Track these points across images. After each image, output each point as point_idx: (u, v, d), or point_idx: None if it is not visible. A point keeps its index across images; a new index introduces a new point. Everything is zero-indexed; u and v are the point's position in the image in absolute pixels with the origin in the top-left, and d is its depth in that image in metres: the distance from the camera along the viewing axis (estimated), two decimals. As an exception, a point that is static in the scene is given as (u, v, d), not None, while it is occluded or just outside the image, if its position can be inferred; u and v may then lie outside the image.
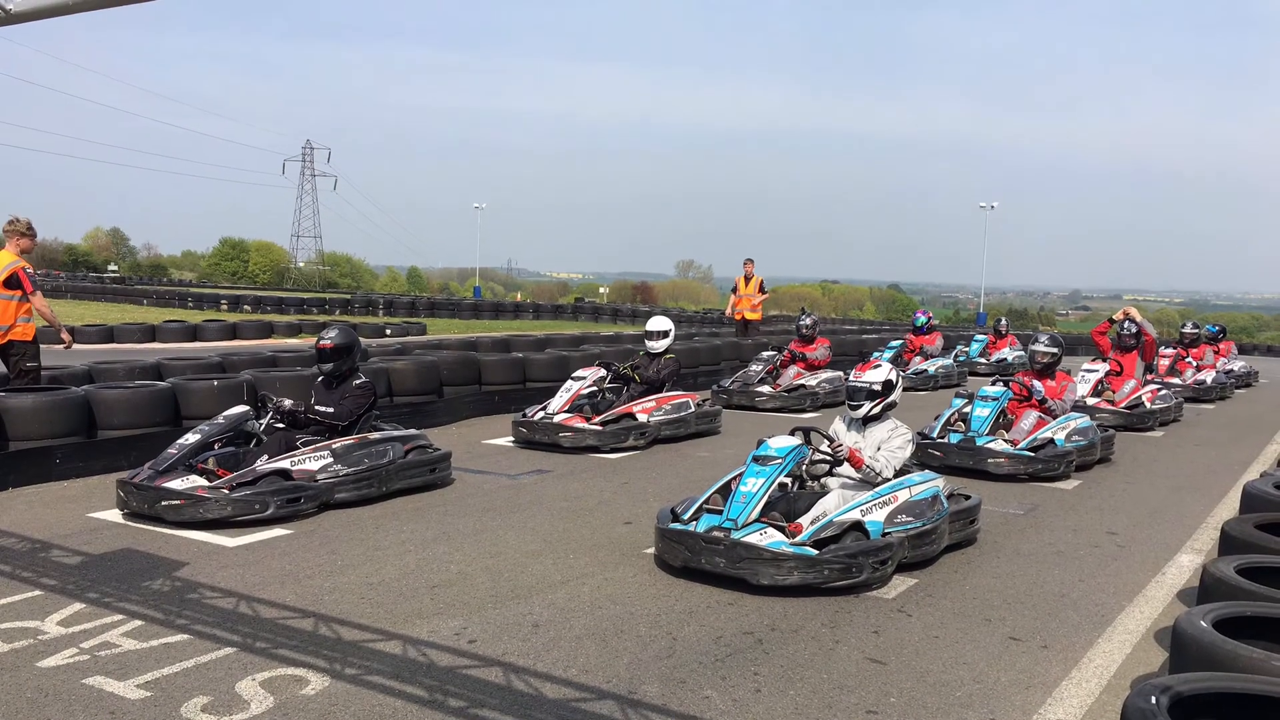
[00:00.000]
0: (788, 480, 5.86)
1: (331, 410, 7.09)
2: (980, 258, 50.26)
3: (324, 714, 3.63)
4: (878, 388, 6.19)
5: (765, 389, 12.82)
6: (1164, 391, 13.16)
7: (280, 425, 6.99)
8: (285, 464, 6.54)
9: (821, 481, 6.07)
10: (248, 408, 6.93)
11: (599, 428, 9.23)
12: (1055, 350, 9.73)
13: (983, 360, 19.23)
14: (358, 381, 7.31)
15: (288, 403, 7.06)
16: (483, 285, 58.83)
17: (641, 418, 9.57)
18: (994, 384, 9.45)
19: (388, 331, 25.45)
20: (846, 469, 5.96)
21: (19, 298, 8.40)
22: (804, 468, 5.96)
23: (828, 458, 5.98)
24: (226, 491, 6.16)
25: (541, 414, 9.45)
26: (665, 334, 10.34)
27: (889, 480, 5.87)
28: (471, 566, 5.51)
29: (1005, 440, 8.71)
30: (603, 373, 9.91)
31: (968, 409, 9.18)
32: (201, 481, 6.26)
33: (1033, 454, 8.53)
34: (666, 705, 3.82)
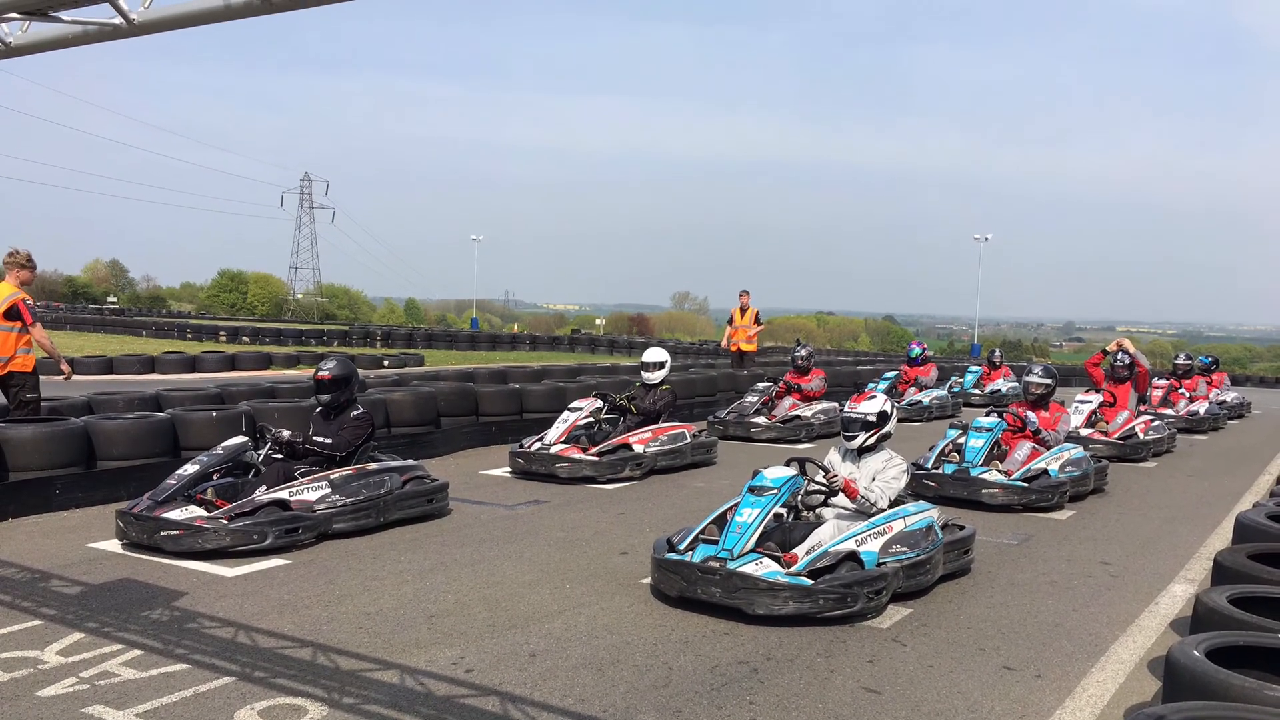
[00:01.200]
0: (783, 510, 5.90)
1: (329, 441, 7.13)
2: (974, 289, 50.59)
3: (323, 743, 3.65)
4: (872, 419, 6.24)
5: (761, 420, 12.86)
6: (1157, 422, 13.22)
7: (278, 456, 7.02)
8: (283, 494, 6.57)
9: (817, 512, 6.10)
10: (246, 438, 6.96)
11: (595, 458, 9.26)
12: (1049, 381, 9.81)
13: (977, 391, 19.32)
14: (355, 412, 7.35)
15: (286, 433, 7.09)
16: (480, 317, 58.92)
17: (638, 448, 9.61)
18: (988, 415, 9.50)
19: (385, 363, 25.49)
20: (842, 499, 5.99)
21: (19, 329, 8.46)
22: (799, 498, 6.00)
23: (823, 488, 6.01)
24: (225, 522, 6.20)
25: (538, 445, 9.49)
26: (661, 365, 10.41)
27: (884, 511, 5.91)
28: (469, 596, 5.53)
29: (999, 471, 8.76)
30: (599, 404, 9.96)
31: (962, 440, 9.23)
32: (200, 512, 6.29)
33: (1027, 485, 8.58)
34: (663, 734, 3.84)
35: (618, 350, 39.06)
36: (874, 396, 6.43)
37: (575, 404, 10.03)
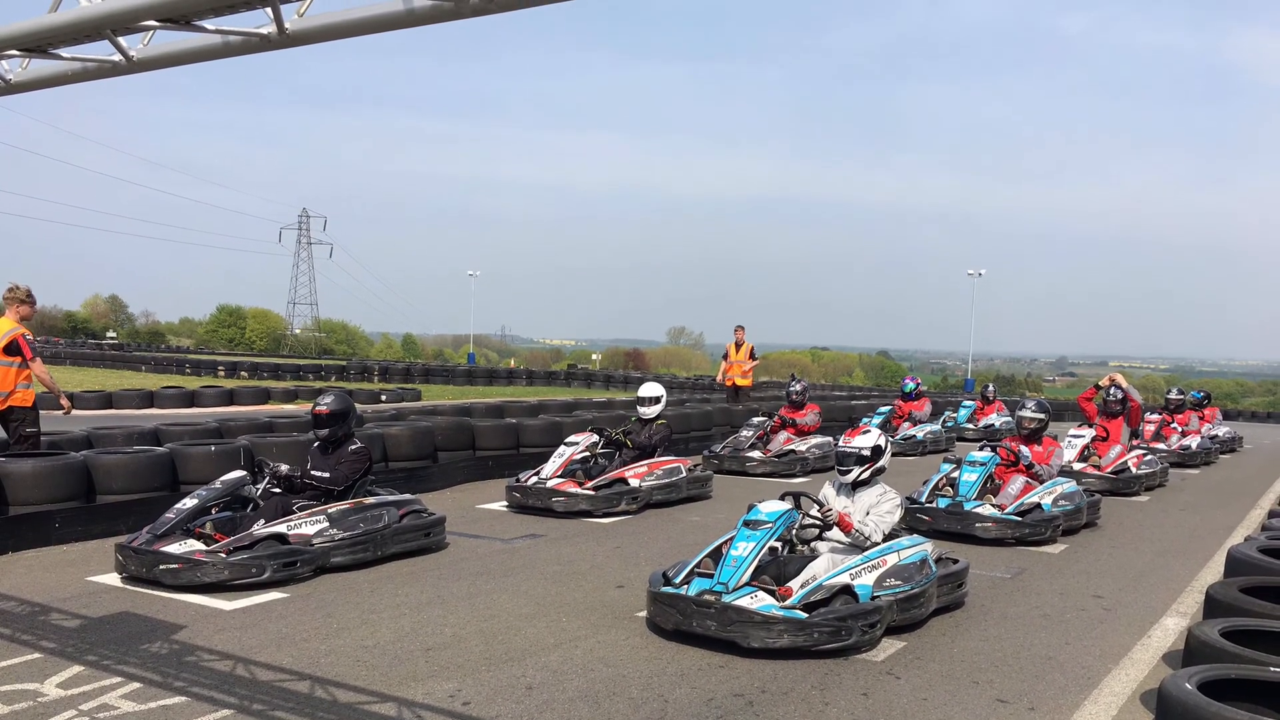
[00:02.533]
0: (778, 544, 5.95)
1: (327, 475, 7.17)
2: (968, 324, 50.84)
3: (321, 774, 3.67)
4: (867, 453, 6.30)
5: (756, 454, 12.91)
6: (1149, 457, 13.29)
7: (277, 490, 7.05)
8: (282, 528, 6.60)
9: (811, 546, 6.15)
10: (245, 473, 7.00)
11: (591, 492, 9.30)
12: (1042, 416, 9.88)
13: (970, 426, 19.39)
14: (353, 447, 7.40)
15: (284, 468, 7.13)
16: (477, 352, 59.00)
17: (633, 482, 9.65)
18: (981, 449, 9.56)
19: (383, 398, 25.51)
20: (836, 533, 6.04)
21: (19, 364, 8.50)
22: (794, 532, 6.05)
23: (817, 522, 6.06)
24: (224, 555, 6.23)
25: (535, 479, 9.53)
26: (657, 400, 10.47)
27: (878, 544, 5.96)
28: (465, 629, 5.56)
29: (993, 505, 8.80)
30: (595, 438, 10.01)
31: (955, 474, 9.29)
32: (199, 545, 6.32)
33: (1020, 518, 8.63)
34: (659, 766, 3.86)
35: (614, 385, 39.08)
36: (868, 431, 6.50)
37: (571, 438, 10.08)
